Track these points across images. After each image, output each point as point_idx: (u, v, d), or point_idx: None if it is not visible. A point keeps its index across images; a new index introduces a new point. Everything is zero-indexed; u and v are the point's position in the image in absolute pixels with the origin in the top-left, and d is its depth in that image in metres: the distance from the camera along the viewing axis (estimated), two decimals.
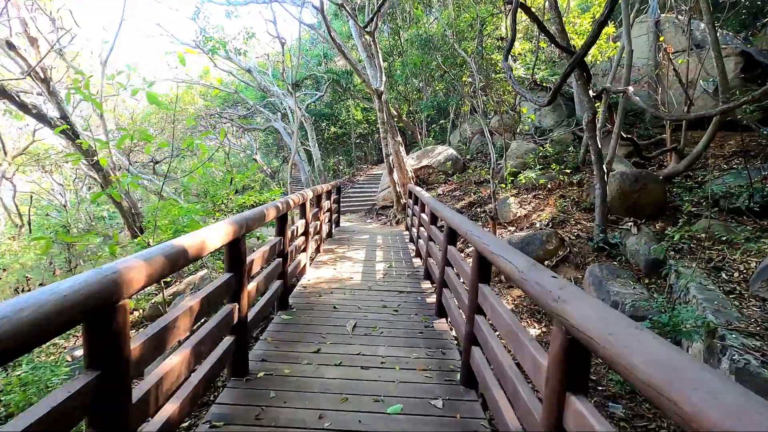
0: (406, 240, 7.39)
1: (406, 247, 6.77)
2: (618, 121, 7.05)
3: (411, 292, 4.34)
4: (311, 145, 15.73)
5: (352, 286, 4.48)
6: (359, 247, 6.58)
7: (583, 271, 6.76)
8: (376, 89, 9.59)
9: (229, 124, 21.14)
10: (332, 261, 5.56)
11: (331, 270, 5.09)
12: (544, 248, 7.05)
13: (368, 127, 21.91)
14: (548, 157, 10.38)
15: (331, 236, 7.18)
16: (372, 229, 9.47)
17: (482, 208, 9.35)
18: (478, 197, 9.85)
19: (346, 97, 20.61)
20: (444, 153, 12.42)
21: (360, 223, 11.21)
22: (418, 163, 12.22)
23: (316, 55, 20.49)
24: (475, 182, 10.84)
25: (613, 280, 5.95)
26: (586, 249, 7.05)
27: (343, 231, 8.12)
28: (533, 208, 8.53)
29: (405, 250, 6.59)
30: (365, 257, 5.84)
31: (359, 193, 14.61)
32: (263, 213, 2.77)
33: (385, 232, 8.44)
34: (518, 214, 8.48)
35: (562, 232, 7.45)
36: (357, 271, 5.06)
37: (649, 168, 8.88)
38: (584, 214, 8.01)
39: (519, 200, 8.82)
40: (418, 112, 17.16)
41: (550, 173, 9.56)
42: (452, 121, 15.83)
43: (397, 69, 17.13)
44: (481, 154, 13.34)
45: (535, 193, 9.11)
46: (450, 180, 11.73)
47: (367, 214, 12.40)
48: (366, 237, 7.54)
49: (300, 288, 4.32)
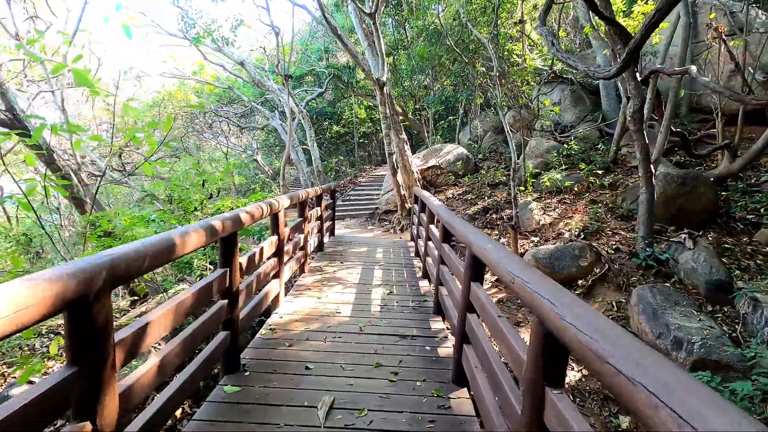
0: (411, 254, 6.24)
1: (411, 264, 5.62)
2: (668, 111, 5.84)
3: (417, 336, 3.19)
4: (309, 144, 14.65)
5: (338, 326, 3.33)
6: (354, 264, 5.44)
7: (626, 293, 5.57)
8: (378, 79, 8.46)
9: (226, 123, 20.17)
10: (317, 285, 4.42)
11: (313, 300, 3.96)
12: (576, 264, 5.86)
13: (372, 126, 20.80)
14: (572, 155, 9.18)
15: (321, 249, 6.05)
16: (372, 239, 8.34)
17: (498, 214, 8.18)
18: (493, 201, 8.68)
19: (348, 94, 19.51)
20: (453, 152, 11.25)
21: (360, 230, 10.08)
22: (425, 163, 11.06)
23: (316, 50, 19.41)
24: (488, 184, 9.67)
25: (670, 308, 4.74)
26: (628, 266, 5.85)
27: (337, 242, 6.99)
28: (559, 214, 7.35)
29: (409, 267, 5.44)
30: (360, 279, 4.70)
31: (361, 196, 13.48)
32: (170, 242, 1.64)
33: (386, 243, 7.30)
34: (542, 222, 7.30)
35: (598, 244, 6.26)
36: (347, 301, 3.92)
37: (695, 168, 7.64)
38: (622, 223, 6.81)
39: (542, 205, 7.63)
40: (424, 109, 16.01)
41: (576, 174, 8.37)
42: (461, 118, 14.65)
43: (402, 63, 16.00)
44: (494, 154, 12.15)
45: (560, 197, 7.92)
46: (460, 182, 10.56)
47: (369, 220, 11.27)
48: (364, 250, 6.40)
49: (267, 330, 3.19)
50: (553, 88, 11.61)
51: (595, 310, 1.14)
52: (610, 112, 10.09)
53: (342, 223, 10.93)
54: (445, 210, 3.54)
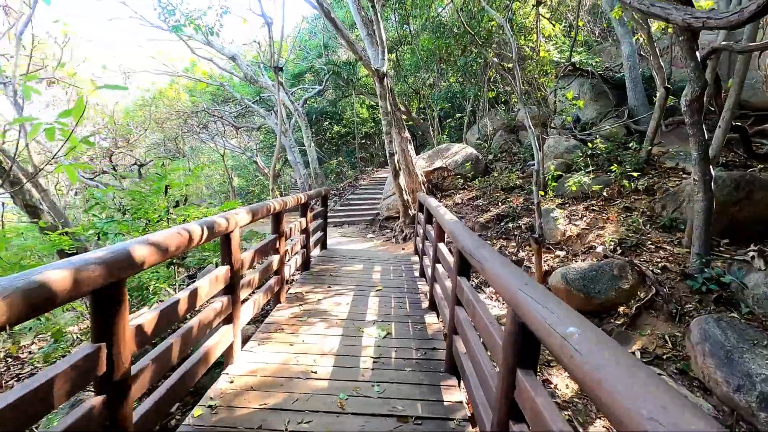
0: (415, 273, 5.22)
1: (415, 288, 4.60)
2: (731, 100, 4.78)
3: (424, 418, 2.18)
4: (306, 144, 13.70)
5: (309, 399, 2.32)
6: (345, 288, 4.43)
7: (681, 325, 4.53)
8: (377, 69, 7.46)
9: (222, 124, 19.28)
10: (293, 323, 3.41)
11: (283, 348, 2.95)
12: (616, 287, 4.82)
13: (374, 126, 19.83)
14: (597, 156, 8.14)
15: (307, 268, 5.05)
16: (370, 252, 7.33)
17: (515, 223, 7.15)
18: (509, 208, 7.64)
19: (349, 92, 18.55)
20: (461, 152, 10.23)
21: (358, 239, 9.07)
22: (430, 165, 10.05)
23: (315, 46, 18.47)
24: (502, 188, 8.63)
25: (749, 350, 3.69)
26: (680, 289, 4.79)
27: (329, 257, 5.99)
28: (588, 224, 6.31)
29: (413, 292, 4.43)
30: (349, 312, 3.69)
31: (361, 200, 12.48)
32: None
33: (386, 258, 6.28)
34: (568, 233, 6.26)
35: (639, 261, 5.22)
36: (328, 351, 2.91)
37: (747, 170, 6.55)
38: (664, 235, 5.75)
39: (567, 213, 6.59)
40: (429, 108, 15.02)
41: (604, 177, 7.33)
42: (469, 116, 13.62)
43: (406, 59, 15.02)
44: (506, 154, 11.11)
45: (586, 203, 6.88)
46: (470, 185, 9.54)
47: (368, 227, 10.26)
48: (359, 268, 5.39)
49: (203, 409, 2.18)
50: (570, 82, 10.56)
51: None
52: (638, 107, 9.03)
53: (339, 231, 9.94)
54: (463, 231, 2.53)
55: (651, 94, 9.48)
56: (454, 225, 2.78)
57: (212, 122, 18.99)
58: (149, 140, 19.79)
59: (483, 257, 1.96)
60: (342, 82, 17.30)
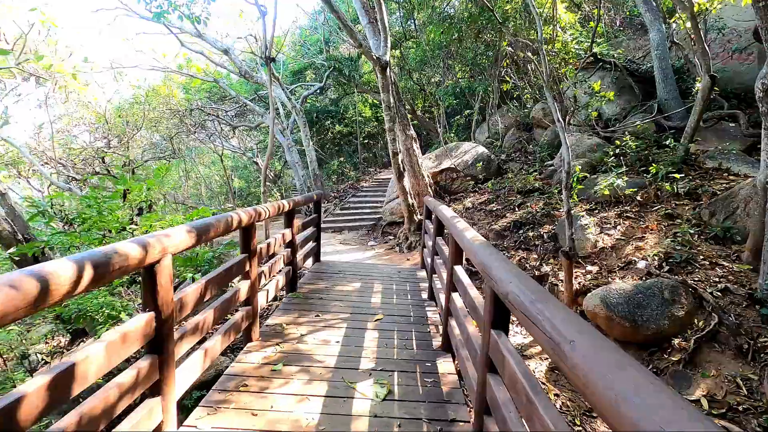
0: (423, 295, 4.37)
1: (423, 316, 3.75)
2: None
3: None
4: (305, 143, 12.90)
5: None
6: (337, 317, 3.59)
7: (756, 364, 3.65)
8: (378, 58, 6.63)
9: (220, 123, 18.54)
10: (264, 374, 2.57)
11: (243, 421, 2.11)
12: (669, 314, 3.94)
13: (378, 126, 19.00)
14: (625, 155, 7.25)
15: (294, 288, 4.21)
16: (370, 264, 6.50)
17: (535, 231, 6.28)
18: (527, 213, 6.78)
19: (351, 90, 17.75)
20: (471, 152, 9.37)
21: (357, 247, 8.23)
22: (438, 165, 9.20)
23: (316, 41, 17.68)
24: (518, 191, 7.77)
25: None
26: (750, 317, 3.90)
27: (321, 272, 5.15)
28: (623, 234, 5.44)
29: (421, 323, 3.58)
30: (339, 358, 2.84)
31: (362, 203, 11.65)
32: None
33: (389, 272, 5.43)
34: (600, 245, 5.39)
35: (693, 281, 4.35)
36: (306, 427, 2.07)
37: None
38: (717, 248, 4.87)
39: (597, 221, 5.72)
40: (435, 105, 14.18)
41: (636, 179, 6.45)
42: (478, 113, 12.75)
43: (411, 55, 14.20)
44: (519, 153, 10.24)
45: (618, 209, 6.00)
46: (481, 188, 8.68)
47: (370, 233, 9.43)
48: (356, 287, 4.55)
49: None
50: (590, 75, 9.67)
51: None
52: (669, 100, 8.13)
53: (338, 238, 9.12)
54: (502, 265, 1.67)
55: (682, 87, 8.59)
56: (484, 251, 1.93)
57: (209, 121, 18.26)
58: (145, 140, 19.10)
59: (550, 323, 1.11)
60: (344, 79, 16.50)
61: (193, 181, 23.94)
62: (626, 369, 0.83)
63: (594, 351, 0.94)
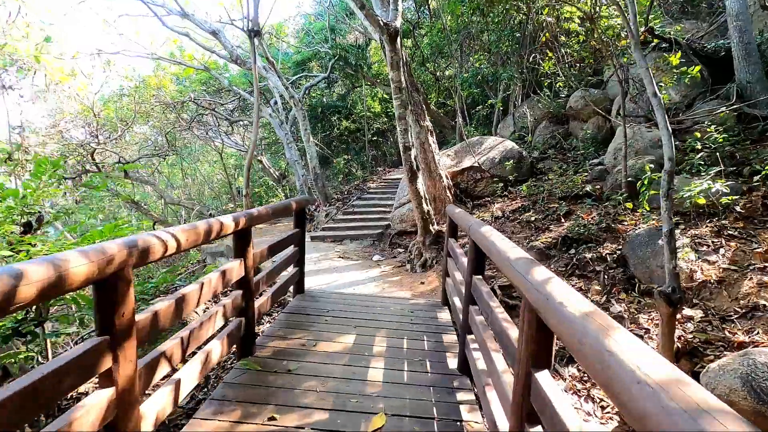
0: (451, 364, 2.84)
1: (456, 413, 2.23)
2: None
3: None
4: (304, 139, 11.47)
5: None
6: (306, 419, 2.09)
7: None
8: (386, 24, 5.11)
9: (217, 118, 17.24)
10: None
11: None
12: None
13: (388, 122, 17.48)
14: (698, 151, 5.63)
15: (249, 352, 2.72)
16: (371, 291, 4.99)
17: (594, 252, 4.72)
18: (577, 225, 5.19)
19: (359, 83, 16.28)
20: (498, 147, 7.81)
21: (360, 263, 6.72)
22: (458, 164, 7.65)
23: (320, 29, 16.23)
24: (559, 197, 6.19)
25: None
26: None
27: (299, 314, 3.65)
28: (731, 261, 3.87)
29: (451, 428, 2.07)
30: None
31: (368, 207, 10.15)
32: None
33: (398, 312, 3.89)
34: (697, 276, 3.82)
35: None
36: None
37: None
38: None
39: (689, 241, 4.14)
40: (452, 95, 12.63)
41: (730, 183, 4.84)
42: (502, 104, 11.15)
43: (426, 42, 12.69)
44: (554, 150, 8.64)
45: (713, 223, 4.42)
46: (512, 192, 7.10)
47: (376, 244, 7.92)
48: (347, 344, 3.04)
49: None
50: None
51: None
52: (753, 83, 6.46)
53: (338, 250, 7.63)
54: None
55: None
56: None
57: (207, 116, 16.98)
58: (138, 137, 17.89)
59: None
60: (350, 69, 15.02)
61: (193, 180, 22.72)
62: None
63: None
